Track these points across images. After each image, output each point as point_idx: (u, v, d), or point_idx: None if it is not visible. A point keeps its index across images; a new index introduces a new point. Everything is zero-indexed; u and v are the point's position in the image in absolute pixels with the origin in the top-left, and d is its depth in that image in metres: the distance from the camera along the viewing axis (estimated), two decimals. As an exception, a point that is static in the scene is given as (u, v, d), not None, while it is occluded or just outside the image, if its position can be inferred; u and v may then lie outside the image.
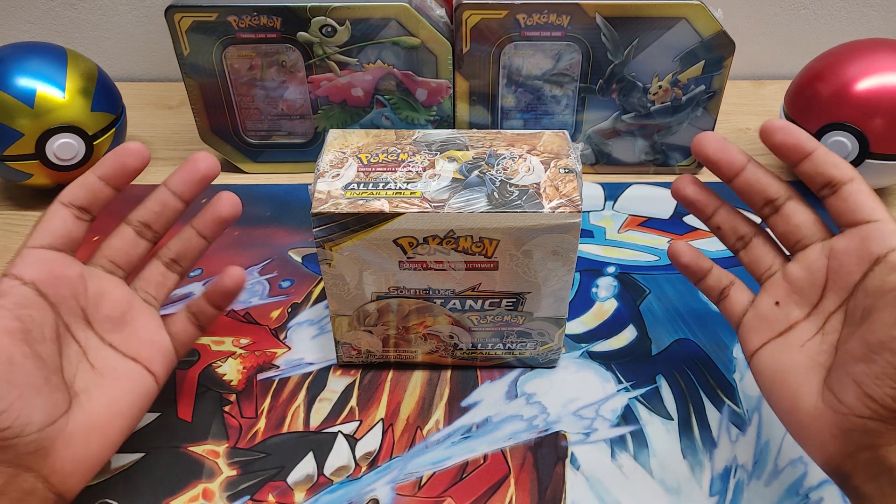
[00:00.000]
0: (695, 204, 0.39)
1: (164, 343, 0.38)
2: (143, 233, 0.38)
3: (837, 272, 0.34)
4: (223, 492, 0.39)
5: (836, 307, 0.34)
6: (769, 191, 0.36)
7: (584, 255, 0.55)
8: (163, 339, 0.38)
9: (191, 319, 0.39)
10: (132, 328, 0.37)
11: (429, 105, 0.60)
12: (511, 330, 0.43)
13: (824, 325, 0.34)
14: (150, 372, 0.37)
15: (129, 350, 0.36)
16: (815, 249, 0.35)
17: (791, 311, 0.35)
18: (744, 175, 0.36)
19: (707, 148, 0.36)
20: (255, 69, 0.58)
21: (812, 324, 0.34)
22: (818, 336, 0.34)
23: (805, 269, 0.35)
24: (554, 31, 0.56)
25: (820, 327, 0.34)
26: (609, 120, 0.61)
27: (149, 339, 0.37)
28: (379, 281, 0.40)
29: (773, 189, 0.36)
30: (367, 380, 0.45)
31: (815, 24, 0.78)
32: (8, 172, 0.57)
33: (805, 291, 0.35)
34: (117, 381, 0.35)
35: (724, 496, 0.39)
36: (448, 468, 0.40)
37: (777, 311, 0.36)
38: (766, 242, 0.38)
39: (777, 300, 0.36)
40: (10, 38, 0.79)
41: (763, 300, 0.36)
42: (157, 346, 0.37)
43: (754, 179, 0.36)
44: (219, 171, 0.39)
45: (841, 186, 0.34)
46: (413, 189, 0.38)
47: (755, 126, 0.71)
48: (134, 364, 0.36)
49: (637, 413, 0.43)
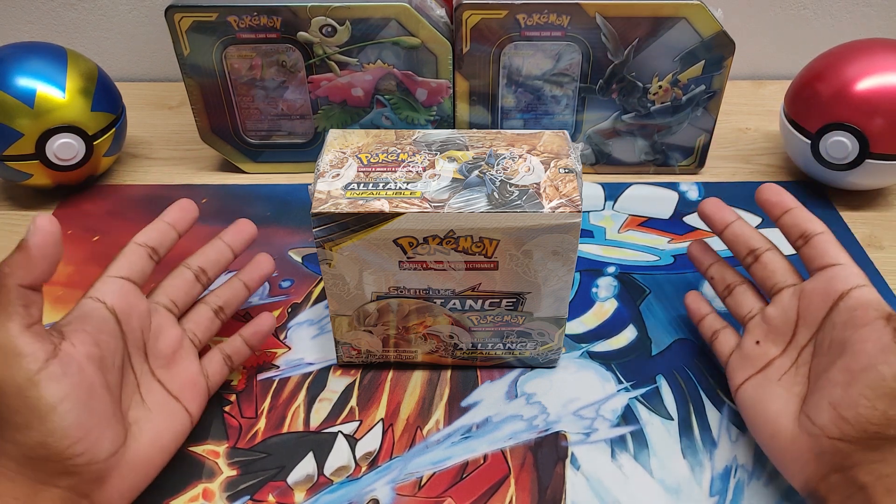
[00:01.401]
0: (696, 259, 0.47)
1: (203, 384, 0.40)
2: (200, 277, 0.42)
3: (807, 310, 0.38)
4: (223, 492, 0.39)
5: (806, 341, 0.38)
6: (751, 241, 0.43)
7: (584, 255, 0.55)
8: (202, 382, 0.40)
9: (226, 360, 0.42)
10: (179, 368, 0.39)
11: (429, 105, 0.60)
12: (511, 330, 0.43)
13: (798, 359, 0.38)
14: (188, 412, 0.39)
15: (174, 388, 0.38)
16: (788, 292, 0.40)
17: (769, 349, 0.39)
18: (732, 228, 0.43)
19: (705, 207, 0.45)
20: (255, 69, 0.58)
21: (787, 358, 0.39)
22: (793, 369, 0.38)
23: (780, 310, 0.40)
24: (554, 31, 0.56)
25: (794, 361, 0.38)
26: (609, 120, 0.61)
27: (191, 380, 0.40)
28: (379, 281, 0.40)
29: (755, 240, 0.42)
30: (367, 380, 0.45)
31: (815, 24, 0.78)
32: (8, 172, 0.57)
33: (780, 330, 0.39)
34: (163, 417, 0.37)
35: (724, 496, 0.39)
36: (448, 468, 0.40)
37: (757, 350, 0.40)
38: (747, 290, 0.43)
39: (757, 340, 0.40)
40: (10, 38, 0.79)
41: (746, 341, 0.41)
42: (197, 389, 0.40)
43: (740, 232, 0.43)
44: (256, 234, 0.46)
45: (813, 237, 0.39)
46: (413, 189, 0.38)
47: (755, 126, 0.71)
48: (177, 403, 0.38)
49: (637, 413, 0.43)
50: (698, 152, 0.63)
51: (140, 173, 0.65)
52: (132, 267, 0.38)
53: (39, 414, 0.30)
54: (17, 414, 0.30)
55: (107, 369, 0.34)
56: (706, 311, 0.45)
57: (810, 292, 0.38)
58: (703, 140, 0.62)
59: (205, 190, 0.62)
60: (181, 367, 0.39)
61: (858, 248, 0.55)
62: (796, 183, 0.63)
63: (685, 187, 0.62)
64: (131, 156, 0.67)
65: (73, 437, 0.31)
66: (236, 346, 0.43)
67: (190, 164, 0.66)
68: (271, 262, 0.46)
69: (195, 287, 0.42)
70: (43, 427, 0.30)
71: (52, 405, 0.31)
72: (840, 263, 0.38)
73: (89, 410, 0.32)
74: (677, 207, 0.60)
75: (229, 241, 0.44)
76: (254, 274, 0.45)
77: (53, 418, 0.31)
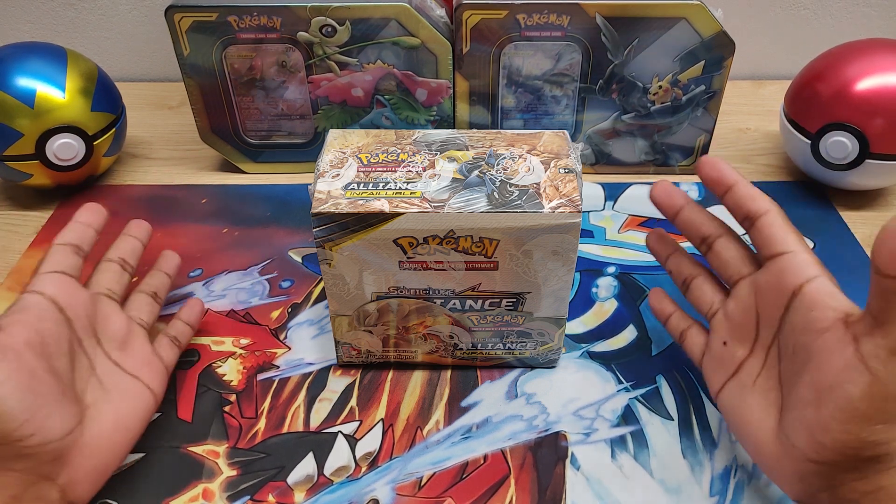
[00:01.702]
0: (654, 250, 0.44)
1: (159, 363, 0.41)
2: (125, 266, 0.44)
3: (764, 307, 0.36)
4: (223, 492, 0.39)
5: (770, 341, 0.36)
6: (702, 228, 0.39)
7: (584, 255, 0.55)
8: (157, 361, 0.41)
9: (173, 341, 0.44)
10: (132, 349, 0.40)
11: (429, 105, 0.60)
12: (511, 330, 0.43)
13: (766, 360, 0.36)
14: (150, 389, 0.40)
15: (131, 368, 0.39)
16: (744, 285, 0.37)
17: (736, 349, 0.37)
18: (682, 214, 0.40)
19: (653, 193, 0.41)
20: (255, 69, 0.58)
21: (756, 360, 0.36)
22: (763, 372, 0.36)
23: (739, 306, 0.37)
24: (554, 31, 0.56)
25: (763, 362, 0.36)
26: (609, 120, 0.61)
27: (146, 359, 0.41)
28: (379, 281, 0.40)
29: (706, 227, 0.39)
30: (367, 380, 0.45)
31: (815, 24, 0.78)
32: (8, 172, 0.57)
33: (744, 328, 0.37)
34: (122, 396, 0.38)
35: (724, 496, 0.39)
36: (448, 468, 0.40)
37: (726, 351, 0.38)
38: (705, 282, 0.40)
39: (724, 340, 0.38)
40: (10, 38, 0.79)
41: (713, 341, 0.39)
42: (154, 366, 0.41)
43: (690, 218, 0.39)
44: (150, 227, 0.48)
45: (757, 219, 0.35)
46: (413, 189, 0.38)
47: (755, 126, 0.71)
48: (136, 381, 0.39)
49: (637, 413, 0.43)
50: (698, 152, 0.63)
51: (140, 173, 0.65)
52: (63, 262, 0.38)
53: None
54: None
55: (50, 355, 0.35)
56: (670, 310, 0.43)
57: (763, 287, 0.35)
58: (703, 140, 0.62)
59: (205, 190, 0.62)
60: (134, 347, 0.40)
61: (858, 248, 0.55)
62: (796, 183, 0.63)
63: (685, 187, 0.62)
64: (131, 156, 0.67)
65: (18, 420, 0.32)
66: (178, 327, 0.45)
67: (190, 164, 0.66)
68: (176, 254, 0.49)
69: (124, 275, 0.43)
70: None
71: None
72: (789, 251, 0.34)
73: (33, 393, 0.33)
74: (677, 207, 0.60)
75: (134, 234, 0.46)
76: (169, 263, 0.48)
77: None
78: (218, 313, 0.50)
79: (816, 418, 0.31)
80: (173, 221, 0.58)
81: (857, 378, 0.30)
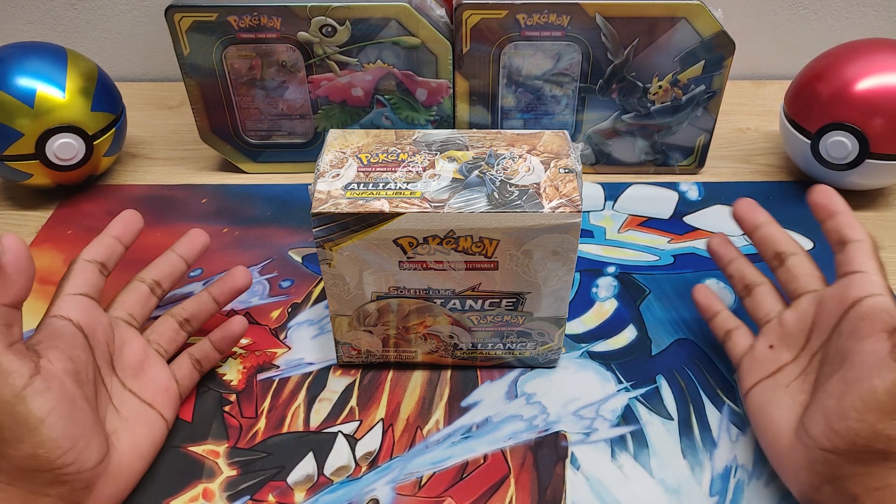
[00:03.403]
0: (716, 254, 0.46)
1: (174, 390, 0.41)
2: (154, 290, 0.43)
3: (821, 316, 0.37)
4: (223, 492, 0.39)
5: (817, 349, 0.37)
6: (779, 245, 0.42)
7: (584, 255, 0.55)
8: (173, 388, 0.41)
9: (195, 365, 0.43)
10: (148, 377, 0.40)
11: (429, 105, 0.60)
12: (511, 330, 0.43)
13: (807, 367, 0.37)
14: (163, 417, 0.40)
15: (146, 397, 0.39)
16: (807, 297, 0.39)
17: (782, 353, 0.39)
18: (762, 230, 0.43)
19: (738, 208, 0.44)
20: (255, 69, 0.58)
21: (797, 366, 0.38)
22: (801, 376, 0.37)
23: (797, 315, 0.39)
24: (554, 31, 0.56)
25: (804, 368, 0.38)
26: (609, 120, 0.61)
27: (162, 387, 0.41)
28: (379, 281, 0.40)
29: (783, 245, 0.42)
30: (367, 380, 0.45)
31: (815, 24, 0.78)
32: (8, 172, 0.57)
33: (795, 335, 0.39)
34: (138, 424, 0.38)
35: (724, 496, 0.39)
36: (448, 468, 0.40)
37: (770, 354, 0.39)
38: (768, 291, 0.42)
39: (771, 343, 0.40)
40: (10, 38, 0.79)
41: (760, 343, 0.40)
42: (169, 394, 0.41)
43: (769, 235, 0.42)
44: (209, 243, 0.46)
45: (849, 243, 0.38)
46: (413, 189, 0.38)
47: (755, 126, 0.71)
48: (150, 410, 0.39)
49: (637, 413, 0.43)
50: (698, 152, 0.63)
51: (140, 173, 0.65)
52: (87, 283, 0.38)
53: (29, 427, 0.31)
54: (7, 429, 0.31)
55: (82, 383, 0.35)
56: (718, 308, 0.44)
57: (828, 298, 0.37)
58: (703, 140, 0.62)
59: (205, 190, 0.62)
60: (150, 375, 0.40)
61: (858, 248, 0.55)
62: (796, 183, 0.63)
63: (685, 187, 0.62)
64: (131, 156, 0.67)
65: (62, 448, 0.32)
66: (205, 349, 0.43)
67: (190, 164, 0.66)
68: (247, 278, 0.45)
69: (150, 300, 0.42)
70: (33, 440, 0.31)
71: (41, 418, 0.32)
72: (863, 271, 0.36)
73: (74, 422, 0.33)
74: (677, 207, 0.60)
75: (182, 252, 0.44)
76: (224, 288, 0.45)
77: (42, 431, 0.32)
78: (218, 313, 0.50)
79: (836, 406, 0.33)
80: (173, 221, 0.58)
81: (886, 374, 0.31)
